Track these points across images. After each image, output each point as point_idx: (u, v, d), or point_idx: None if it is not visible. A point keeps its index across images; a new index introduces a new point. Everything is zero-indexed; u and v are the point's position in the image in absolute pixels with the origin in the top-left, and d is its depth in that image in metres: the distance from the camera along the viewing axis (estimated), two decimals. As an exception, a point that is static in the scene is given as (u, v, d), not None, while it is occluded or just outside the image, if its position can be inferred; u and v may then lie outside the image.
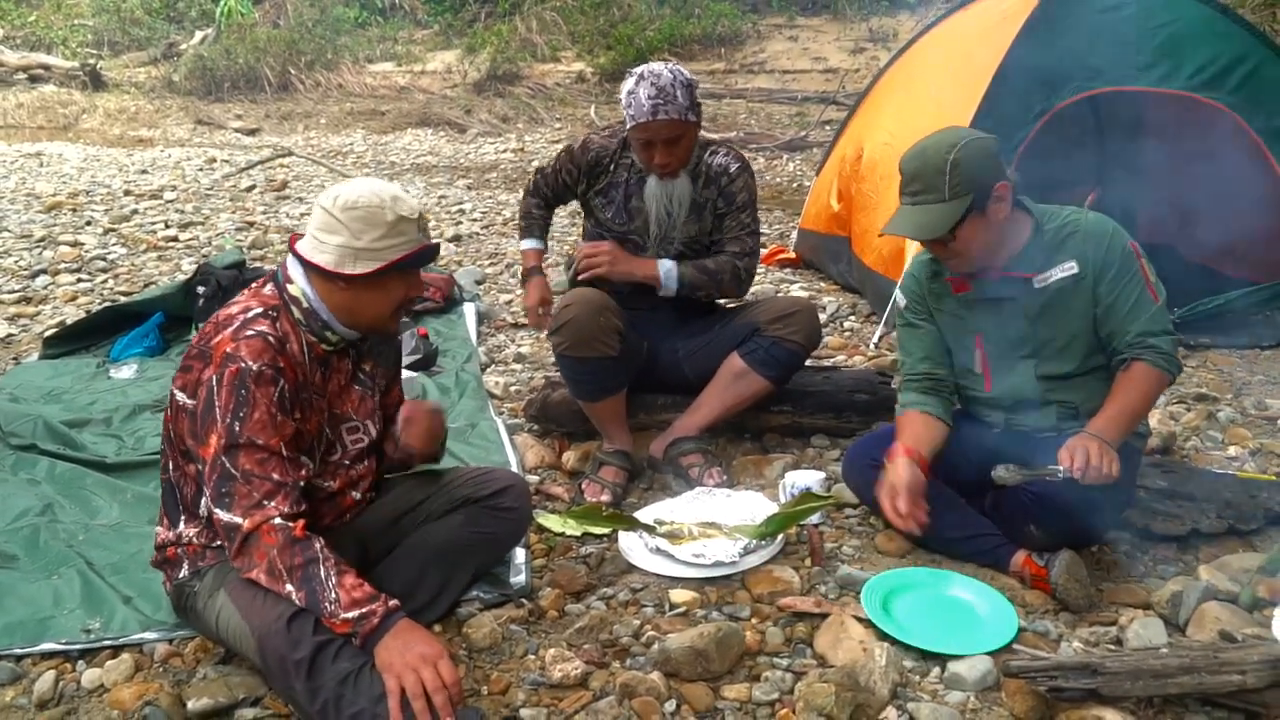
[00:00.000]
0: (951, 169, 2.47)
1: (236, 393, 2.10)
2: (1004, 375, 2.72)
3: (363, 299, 2.25)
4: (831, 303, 5.14)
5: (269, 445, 2.11)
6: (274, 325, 2.20)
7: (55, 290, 5.56)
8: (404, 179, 9.44)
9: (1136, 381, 2.50)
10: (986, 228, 2.54)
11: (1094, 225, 2.60)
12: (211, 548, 2.29)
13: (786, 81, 13.98)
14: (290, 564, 2.03)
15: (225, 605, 2.19)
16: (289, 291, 2.25)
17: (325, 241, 2.18)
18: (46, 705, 2.24)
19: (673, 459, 3.29)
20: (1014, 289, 2.63)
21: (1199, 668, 2.00)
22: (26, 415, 3.62)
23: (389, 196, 2.18)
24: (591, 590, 2.66)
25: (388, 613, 2.02)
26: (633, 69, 3.17)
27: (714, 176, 3.29)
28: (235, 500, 2.08)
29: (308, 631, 2.02)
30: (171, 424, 2.28)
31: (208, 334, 2.22)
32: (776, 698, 2.19)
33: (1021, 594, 2.54)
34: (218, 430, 2.10)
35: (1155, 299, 2.55)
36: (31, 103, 14.41)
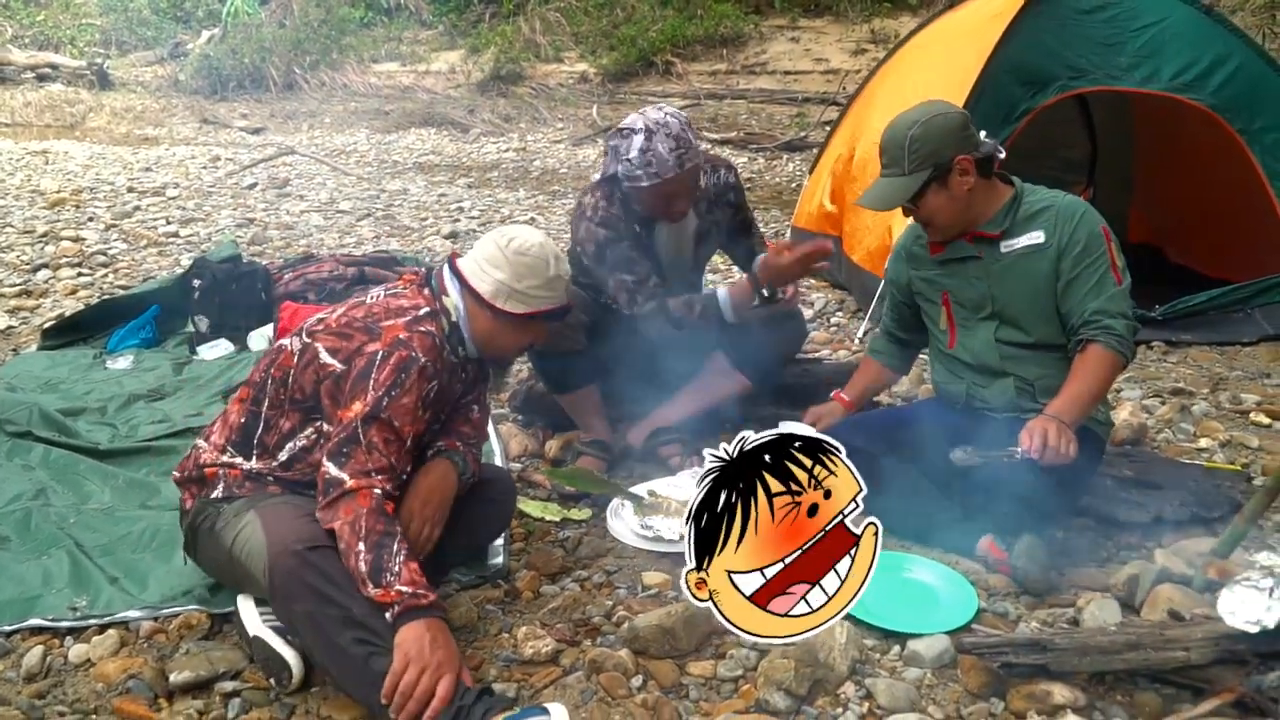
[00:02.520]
0: (910, 144, 2.61)
1: (397, 374, 2.28)
2: (966, 334, 2.85)
3: (502, 332, 2.49)
4: (820, 299, 5.21)
5: (401, 430, 2.28)
6: (437, 329, 2.41)
7: (56, 284, 5.65)
8: (406, 178, 9.52)
9: (1092, 364, 2.57)
10: (950, 199, 2.66)
11: (1068, 204, 2.71)
12: (254, 480, 2.41)
13: (788, 82, 14.04)
14: (372, 527, 2.14)
15: (251, 523, 2.28)
16: (443, 301, 2.45)
17: (488, 273, 2.42)
18: (34, 678, 2.32)
19: (652, 448, 3.37)
20: (981, 249, 2.76)
21: (1145, 644, 2.06)
22: (23, 403, 3.70)
23: (553, 255, 2.45)
24: (567, 572, 2.73)
25: (434, 605, 2.11)
26: (627, 124, 3.05)
27: (717, 197, 3.32)
28: (350, 461, 2.23)
29: (328, 563, 2.13)
30: (295, 371, 2.39)
31: (375, 314, 2.40)
32: (740, 674, 2.26)
33: (985, 577, 2.60)
34: (365, 399, 2.25)
35: (1119, 282, 2.63)
36: (39, 101, 14.52)
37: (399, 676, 1.99)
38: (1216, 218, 5.38)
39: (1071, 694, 2.07)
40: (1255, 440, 3.44)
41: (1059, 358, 2.71)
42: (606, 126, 12.17)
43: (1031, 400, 2.71)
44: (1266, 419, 3.64)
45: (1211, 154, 5.03)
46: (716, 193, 3.31)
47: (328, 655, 2.10)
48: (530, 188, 8.95)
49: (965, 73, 4.83)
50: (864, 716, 2.10)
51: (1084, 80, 4.86)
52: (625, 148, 3.02)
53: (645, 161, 3.00)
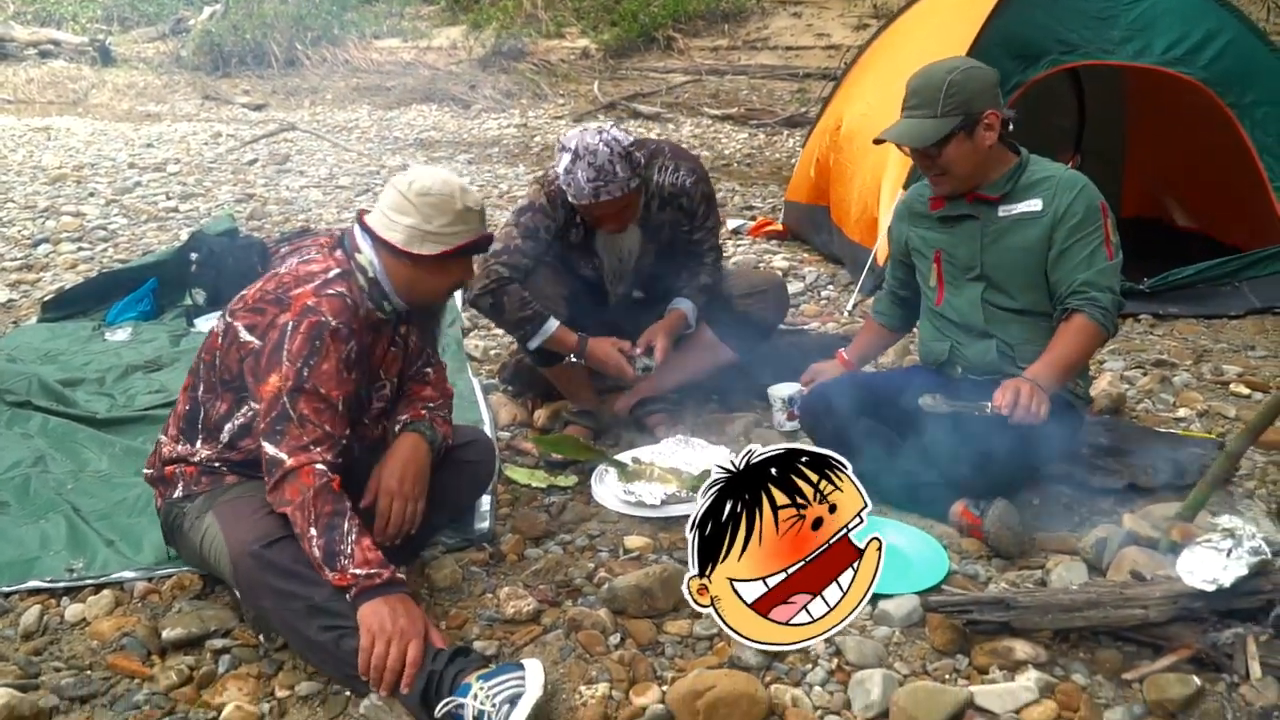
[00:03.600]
0: (948, 88, 2.66)
1: (311, 342, 2.25)
2: (954, 293, 2.91)
3: (424, 277, 2.42)
4: (811, 272, 5.25)
5: (329, 396, 2.26)
6: (350, 288, 2.37)
7: (56, 258, 5.71)
8: (407, 154, 9.54)
9: (1074, 332, 2.64)
10: (972, 150, 2.71)
11: (1069, 177, 2.76)
12: (210, 473, 2.44)
13: (789, 58, 14.00)
14: (320, 510, 2.16)
15: (211, 525, 2.33)
16: (357, 260, 2.40)
17: (396, 221, 2.34)
18: (31, 636, 2.39)
19: (638, 418, 3.43)
20: (979, 209, 2.82)
21: (1105, 603, 2.12)
22: (22, 374, 3.77)
23: (458, 187, 2.36)
24: (550, 536, 2.80)
25: (391, 580, 2.15)
26: (565, 139, 3.04)
27: (670, 197, 3.27)
28: (285, 439, 2.22)
29: (285, 557, 2.17)
30: (221, 353, 2.39)
31: (285, 284, 2.36)
32: (715, 633, 2.31)
33: (958, 541, 2.66)
34: (282, 371, 2.24)
35: (1110, 257, 2.68)
36: (41, 78, 14.54)
37: (369, 653, 2.06)
38: (1207, 191, 5.42)
39: (1033, 650, 2.14)
40: (1233, 410, 3.49)
41: (1043, 324, 2.76)
42: (608, 103, 12.19)
43: (1012, 364, 2.77)
44: (1246, 390, 3.69)
45: (1203, 128, 5.05)
46: (671, 193, 3.26)
47: (300, 645, 2.18)
48: (530, 163, 8.98)
49: (957, 46, 4.82)
50: (832, 672, 2.16)
51: (1076, 54, 4.89)
52: (557, 161, 3.05)
53: (566, 183, 3.03)
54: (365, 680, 2.07)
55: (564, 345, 3.19)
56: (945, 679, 2.12)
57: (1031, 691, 2.03)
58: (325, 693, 2.15)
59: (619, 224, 3.17)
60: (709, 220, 3.40)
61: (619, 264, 3.36)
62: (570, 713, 2.06)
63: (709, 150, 9.61)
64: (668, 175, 3.26)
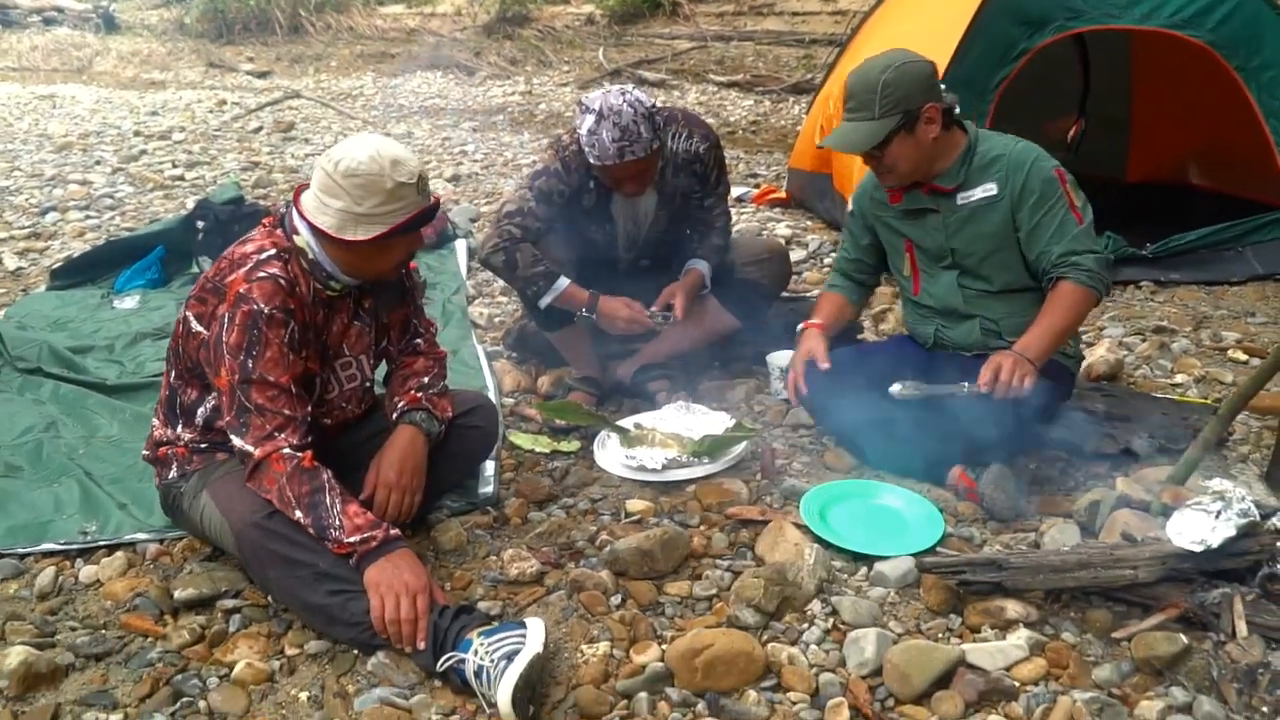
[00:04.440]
0: (883, 89, 2.64)
1: (249, 333, 2.22)
2: (930, 281, 2.92)
3: (365, 257, 2.35)
4: (814, 240, 5.27)
5: (279, 382, 2.25)
6: (285, 268, 2.31)
7: (64, 226, 5.75)
8: (411, 121, 9.54)
9: (1061, 299, 2.65)
10: (915, 146, 2.70)
11: (1019, 153, 2.75)
12: (199, 452, 2.47)
13: (796, 23, 13.90)
14: (298, 492, 2.19)
15: (208, 503, 2.38)
16: (294, 242, 2.34)
17: (328, 205, 2.25)
18: (47, 597, 2.45)
19: (640, 384, 3.47)
20: (938, 202, 2.82)
21: (1095, 564, 2.16)
22: (32, 341, 3.82)
23: (389, 162, 2.22)
24: (554, 500, 2.84)
25: (386, 538, 2.20)
26: (588, 100, 3.06)
27: (684, 163, 3.30)
28: (249, 430, 2.24)
29: (287, 526, 2.21)
30: (181, 341, 2.41)
31: (223, 270, 2.33)
32: (715, 593, 2.37)
33: (954, 505, 2.70)
34: (228, 365, 2.24)
35: (1080, 221, 2.69)
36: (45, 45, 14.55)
37: (380, 611, 2.11)
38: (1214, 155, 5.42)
39: (1024, 609, 2.18)
40: (1229, 376, 3.52)
41: (1024, 299, 2.78)
42: (613, 70, 12.15)
43: (998, 339, 2.79)
44: (1244, 356, 3.71)
45: (1210, 92, 5.03)
46: (685, 159, 3.29)
47: (308, 611, 2.23)
48: (535, 131, 8.98)
49: (961, 12, 4.84)
50: (828, 631, 2.21)
51: (1082, 19, 4.85)
52: (580, 122, 3.06)
53: (590, 143, 3.04)
54: (375, 638, 2.13)
55: (575, 301, 3.20)
56: (938, 638, 2.16)
57: (1022, 649, 2.07)
58: (334, 650, 2.21)
59: (639, 186, 3.19)
60: (720, 186, 3.44)
61: (633, 228, 3.39)
62: (573, 670, 2.11)
63: (714, 117, 9.60)
64: (681, 141, 3.29)
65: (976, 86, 4.77)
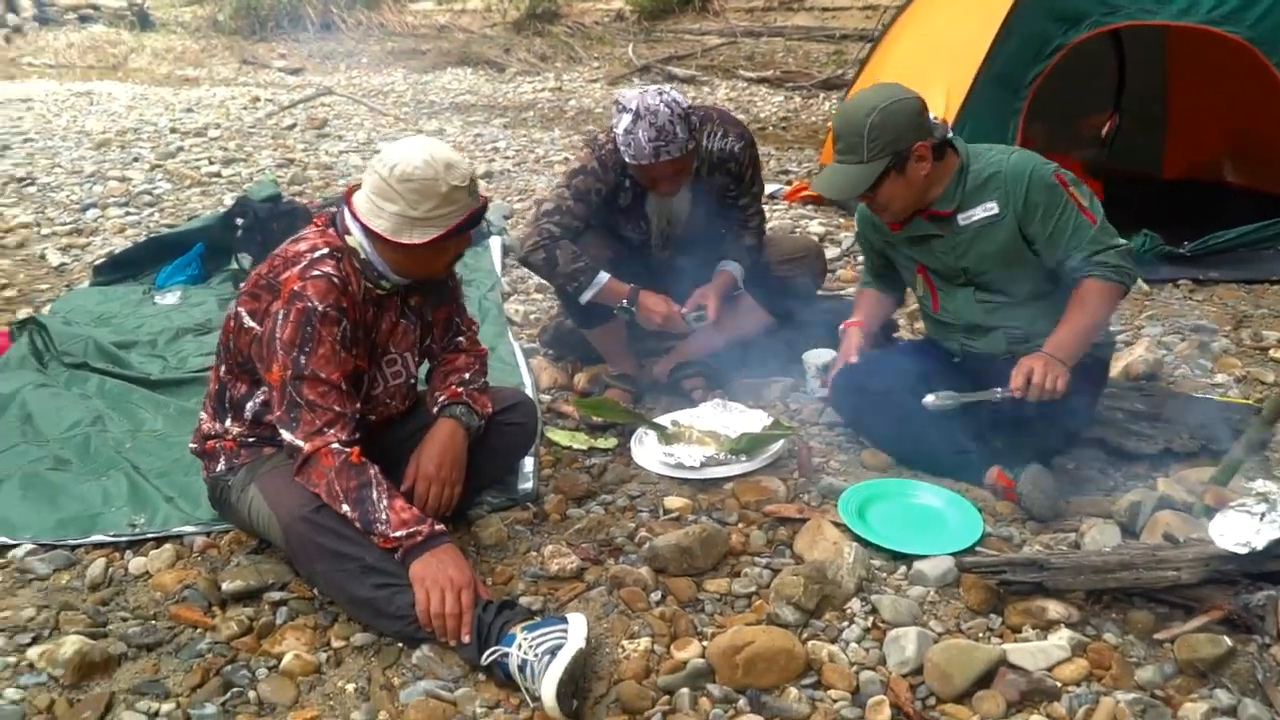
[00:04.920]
0: (870, 131, 2.61)
1: (302, 330, 2.27)
2: (947, 298, 2.91)
3: (418, 259, 2.40)
4: (847, 237, 5.26)
5: (330, 379, 2.30)
6: (338, 266, 2.35)
7: (104, 222, 5.83)
8: (443, 118, 9.59)
9: (1086, 298, 2.64)
10: (906, 185, 2.69)
11: (1014, 166, 2.71)
12: (247, 446, 2.51)
13: (826, 19, 13.85)
14: (346, 486, 2.23)
15: (256, 496, 2.42)
16: (347, 242, 2.39)
17: (382, 208, 2.30)
18: (98, 587, 2.50)
19: (676, 381, 3.49)
20: (940, 226, 2.80)
21: (1138, 564, 2.16)
22: (78, 336, 3.88)
23: (442, 166, 2.27)
24: (592, 496, 2.87)
25: (431, 534, 2.23)
26: (624, 100, 3.08)
27: (718, 162, 3.31)
28: (299, 425, 2.28)
29: (334, 520, 2.25)
30: (232, 336, 2.46)
31: (277, 267, 2.38)
32: (754, 590, 2.39)
33: (993, 505, 2.70)
34: (280, 361, 2.28)
35: (1092, 221, 2.66)
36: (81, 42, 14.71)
37: (426, 605, 2.14)
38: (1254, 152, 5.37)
39: (1066, 610, 2.19)
40: (1271, 376, 3.50)
41: (1046, 303, 2.76)
42: (643, 65, 12.15)
43: (1025, 344, 2.76)
44: (1286, 355, 3.69)
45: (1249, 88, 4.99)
46: (720, 158, 3.30)
47: (355, 604, 2.26)
48: (565, 127, 9.00)
49: (996, 8, 4.82)
50: (868, 629, 2.22)
51: (1118, 15, 4.83)
52: (616, 122, 3.08)
53: (626, 143, 3.05)
54: (420, 631, 2.16)
55: (616, 296, 3.22)
56: (979, 637, 2.17)
57: (1064, 650, 2.08)
58: (379, 643, 2.24)
59: (674, 186, 3.21)
60: (755, 186, 3.45)
61: (667, 226, 3.40)
62: (614, 665, 2.14)
63: (744, 114, 9.58)
64: (716, 140, 3.30)
65: (1010, 83, 4.76)
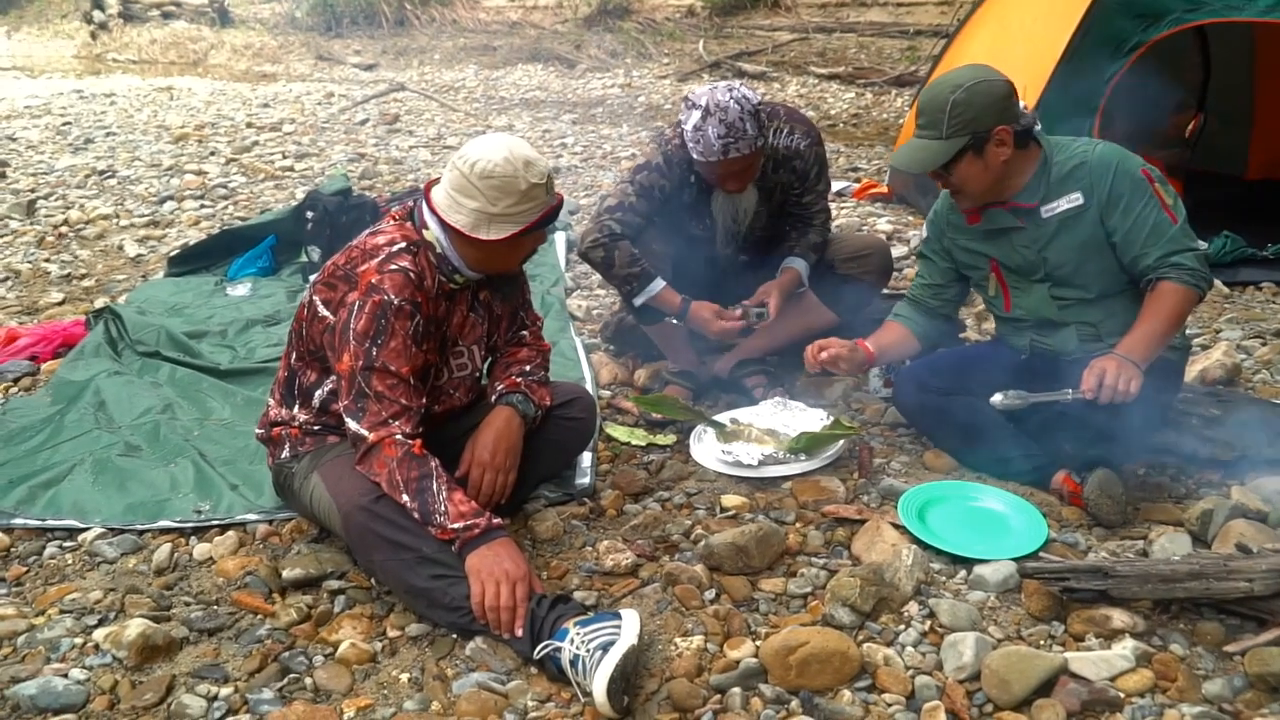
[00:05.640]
0: (952, 109, 2.57)
1: (376, 321, 2.30)
2: (1020, 295, 2.84)
3: (495, 254, 2.43)
4: (916, 236, 5.18)
5: (400, 372, 2.32)
6: (415, 261, 2.38)
7: (180, 215, 5.97)
8: (512, 113, 9.66)
9: (1163, 300, 2.56)
10: (984, 168, 2.63)
11: (1101, 157, 2.65)
12: (312, 434, 2.55)
13: (900, 14, 13.70)
14: (407, 477, 2.25)
15: (318, 485, 2.45)
16: (424, 236, 2.43)
17: (462, 204, 2.33)
18: (163, 572, 2.55)
19: (737, 379, 3.46)
20: (1022, 219, 2.73)
21: (1208, 574, 2.09)
22: (151, 326, 3.98)
23: (522, 163, 2.30)
24: (649, 493, 2.86)
25: (489, 527, 2.25)
26: (694, 96, 3.08)
27: (784, 159, 3.30)
28: (366, 415, 2.31)
29: (392, 511, 2.27)
30: (305, 324, 2.50)
31: (354, 258, 2.41)
32: (809, 591, 2.36)
33: (1059, 509, 2.64)
34: (352, 350, 2.31)
35: (1174, 220, 2.59)
36: (164, 39, 15.10)
37: (480, 597, 2.16)
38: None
39: (1131, 619, 2.13)
40: (1355, 383, 3.37)
41: (1121, 300, 2.69)
42: (713, 62, 12.12)
43: (1098, 341, 2.71)
44: (1371, 362, 3.55)
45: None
46: (785, 154, 3.29)
47: (410, 594, 2.28)
48: (634, 123, 9.01)
49: (1074, 5, 4.71)
50: (925, 634, 2.18)
51: (1201, 12, 4.67)
52: (685, 118, 3.07)
53: (695, 139, 3.05)
54: (474, 623, 2.17)
55: (667, 305, 3.22)
56: (1039, 645, 2.12)
57: (1128, 660, 2.02)
58: (434, 634, 2.26)
59: (741, 183, 3.19)
60: (820, 184, 3.42)
61: (733, 224, 3.38)
62: (666, 663, 2.13)
63: (814, 110, 9.52)
64: (783, 138, 3.28)
65: (1087, 81, 4.64)
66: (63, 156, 7.64)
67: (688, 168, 3.20)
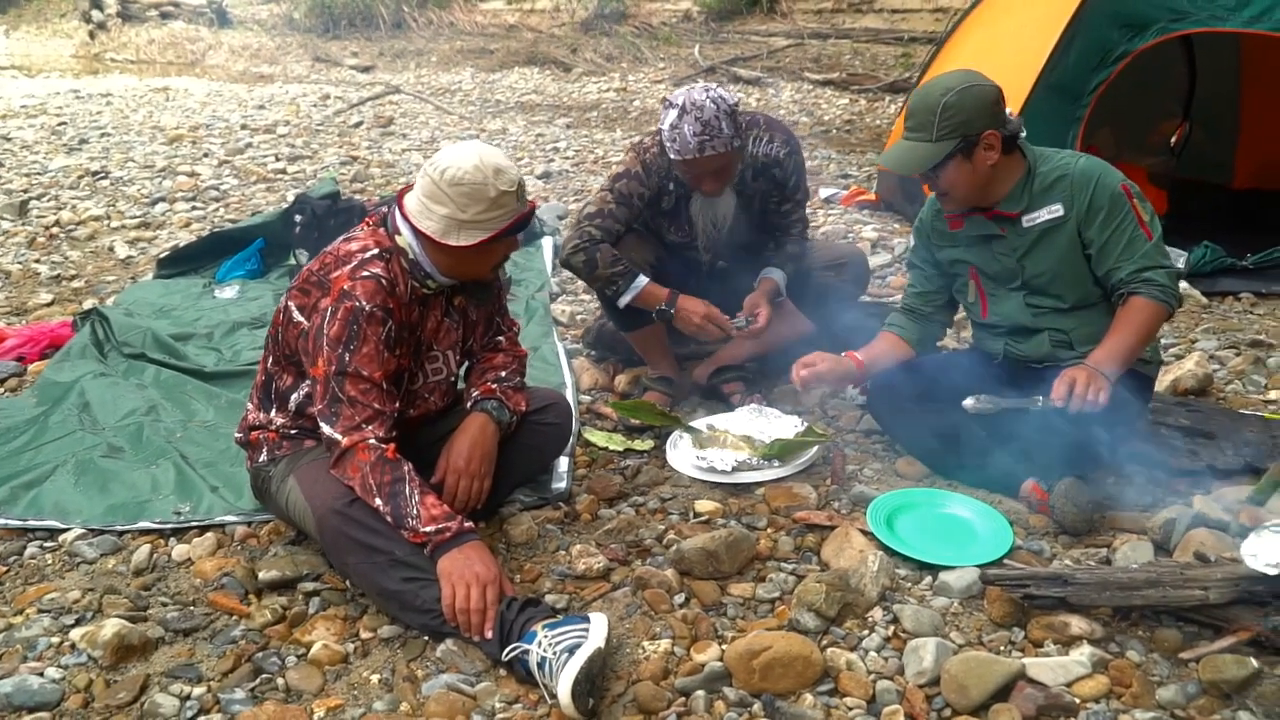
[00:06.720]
0: (942, 111, 2.61)
1: (349, 327, 2.34)
2: (997, 302, 2.88)
3: (466, 260, 2.47)
4: (901, 244, 5.23)
5: (372, 377, 2.36)
6: (387, 267, 2.41)
7: (171, 216, 6.02)
8: (507, 117, 9.69)
9: (1134, 314, 2.60)
10: (972, 172, 2.67)
11: (1083, 171, 2.69)
12: (289, 438, 2.58)
13: (895, 21, 13.74)
14: (380, 481, 2.29)
15: (293, 488, 2.49)
16: (397, 242, 2.46)
17: (433, 210, 2.37)
18: (141, 573, 2.58)
19: (715, 385, 3.50)
20: (1003, 227, 2.78)
21: (1165, 582, 2.12)
22: (138, 328, 4.01)
23: (492, 170, 2.33)
24: (624, 498, 2.89)
25: (460, 530, 2.28)
26: (672, 97, 3.12)
27: (763, 168, 3.33)
28: (339, 420, 2.35)
29: (366, 514, 2.30)
30: (281, 329, 2.53)
31: (328, 264, 2.44)
32: (778, 596, 2.39)
33: (1026, 517, 2.68)
34: (325, 356, 2.35)
35: (1149, 236, 2.63)
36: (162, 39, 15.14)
37: (451, 600, 2.19)
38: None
39: (1089, 626, 2.16)
40: (1327, 394, 3.41)
41: (1094, 311, 2.74)
42: (709, 66, 12.16)
43: (1069, 349, 2.75)
44: (1345, 373, 3.58)
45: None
46: (765, 163, 3.32)
47: (383, 596, 2.31)
48: (628, 128, 9.05)
49: (1059, 12, 4.75)
50: (889, 639, 2.22)
51: (1186, 22, 4.72)
52: (663, 118, 3.11)
53: (671, 138, 3.08)
54: (445, 626, 2.20)
55: (654, 300, 3.24)
56: (999, 650, 2.15)
57: (1084, 666, 2.06)
58: (405, 636, 2.29)
59: (717, 184, 3.22)
60: (799, 193, 3.45)
61: (712, 229, 3.41)
62: (633, 665, 2.16)
63: (808, 116, 9.55)
64: (762, 146, 3.31)
65: (1071, 90, 4.68)
66: (57, 157, 7.68)
67: (666, 174, 3.24)
